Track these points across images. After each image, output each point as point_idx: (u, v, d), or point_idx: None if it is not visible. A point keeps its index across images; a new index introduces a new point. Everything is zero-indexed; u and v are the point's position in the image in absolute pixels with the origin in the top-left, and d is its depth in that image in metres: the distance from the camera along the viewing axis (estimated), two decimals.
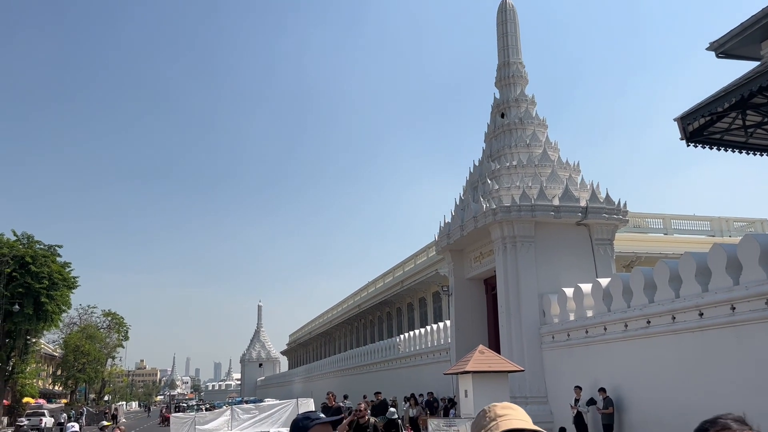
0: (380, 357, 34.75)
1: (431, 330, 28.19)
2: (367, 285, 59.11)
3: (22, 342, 47.26)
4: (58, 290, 47.05)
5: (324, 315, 76.16)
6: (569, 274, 19.53)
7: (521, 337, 19.26)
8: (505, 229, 20.01)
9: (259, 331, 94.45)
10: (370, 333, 57.06)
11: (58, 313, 49.12)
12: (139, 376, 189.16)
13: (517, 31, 24.40)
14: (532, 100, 23.76)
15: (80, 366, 65.68)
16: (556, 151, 22.88)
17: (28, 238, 47.41)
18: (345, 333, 66.28)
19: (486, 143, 24.24)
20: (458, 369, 15.66)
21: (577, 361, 17.69)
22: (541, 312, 19.46)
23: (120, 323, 76.50)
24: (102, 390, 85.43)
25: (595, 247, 20.53)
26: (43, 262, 46.04)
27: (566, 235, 20.40)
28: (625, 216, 21.17)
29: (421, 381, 27.06)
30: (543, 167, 21.75)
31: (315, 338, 78.72)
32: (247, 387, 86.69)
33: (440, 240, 24.40)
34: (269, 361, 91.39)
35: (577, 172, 22.33)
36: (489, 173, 22.32)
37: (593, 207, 20.35)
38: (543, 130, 23.31)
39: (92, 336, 68.04)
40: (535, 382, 18.82)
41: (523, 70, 24.07)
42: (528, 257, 19.80)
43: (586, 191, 21.11)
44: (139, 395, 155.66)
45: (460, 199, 23.93)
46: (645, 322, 14.98)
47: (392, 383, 30.40)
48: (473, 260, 23.31)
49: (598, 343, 16.76)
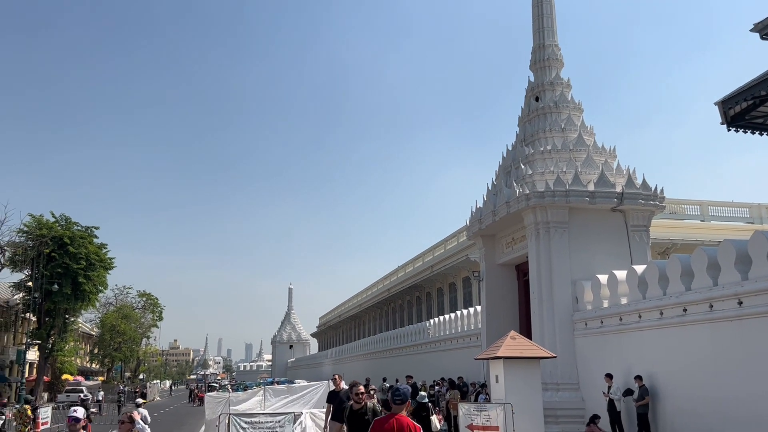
0: (409, 341, 34.85)
1: (461, 315, 28.14)
2: (397, 269, 59.21)
3: (61, 321, 48.51)
4: (95, 271, 48.13)
5: (354, 298, 76.60)
6: (603, 261, 19.27)
7: (553, 324, 19.11)
8: (538, 214, 19.79)
9: (289, 314, 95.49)
10: (400, 317, 57.24)
11: (95, 293, 50.28)
12: (172, 356, 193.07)
13: (552, 12, 23.95)
14: (568, 84, 23.36)
15: (116, 345, 67.20)
16: (591, 135, 22.50)
17: (66, 219, 48.49)
18: (374, 317, 66.60)
19: (520, 127, 23.94)
20: (489, 354, 15.59)
21: (610, 348, 17.49)
22: (574, 299, 19.26)
23: (155, 304, 78.01)
24: (137, 369, 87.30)
25: (630, 233, 20.19)
26: (81, 243, 47.09)
27: (601, 222, 20.09)
28: (661, 202, 20.76)
29: (451, 366, 27.07)
30: (578, 152, 21.41)
31: (344, 321, 79.30)
32: (277, 368, 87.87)
33: (472, 225, 24.25)
34: (299, 342, 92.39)
35: (613, 157, 21.94)
36: (522, 158, 22.07)
37: (629, 193, 19.99)
38: (578, 114, 22.92)
39: (128, 316, 69.50)
40: (567, 368, 18.67)
41: (558, 52, 23.65)
42: (561, 243, 19.57)
43: (621, 177, 20.75)
44: (172, 374, 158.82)
45: (492, 184, 23.72)
46: (681, 310, 14.72)
47: (421, 367, 30.48)
48: (505, 246, 23.14)
49: (633, 331, 16.54)
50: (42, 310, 46.23)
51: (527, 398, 14.48)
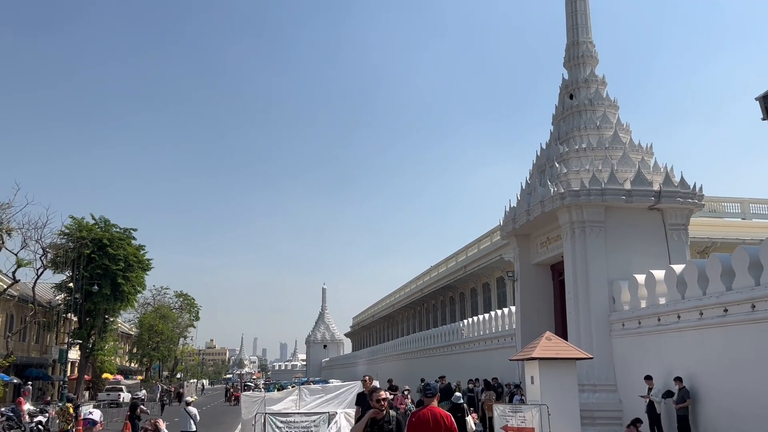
0: (443, 342, 34.75)
1: (495, 315, 27.97)
2: (430, 269, 59.09)
3: (101, 321, 49.63)
4: (133, 272, 49.13)
5: (387, 298, 76.67)
6: (641, 261, 18.94)
7: (590, 324, 18.86)
8: (573, 213, 19.56)
9: (323, 313, 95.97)
10: (433, 317, 57.13)
11: (134, 293, 51.33)
12: (209, 355, 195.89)
13: (587, 9, 23.64)
14: (603, 81, 23.04)
15: (154, 344, 68.45)
16: (627, 133, 22.15)
17: (105, 221, 49.58)
18: (408, 317, 66.58)
19: (554, 125, 23.69)
20: (525, 355, 15.48)
21: (648, 349, 17.20)
22: (610, 299, 18.98)
23: (191, 304, 79.31)
24: (174, 368, 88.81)
25: (668, 232, 19.82)
26: (120, 244, 48.11)
27: (638, 220, 19.77)
28: (700, 200, 20.34)
29: (485, 366, 26.93)
30: (614, 150, 21.10)
31: (378, 321, 79.44)
32: (312, 368, 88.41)
33: (505, 225, 24.08)
34: (333, 342, 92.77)
35: (650, 154, 21.57)
36: (557, 156, 21.83)
37: (667, 191, 19.63)
38: (614, 111, 22.59)
39: (165, 316, 70.76)
40: (603, 370, 18.42)
41: (593, 49, 23.34)
42: (597, 243, 19.31)
43: (659, 174, 20.38)
44: (209, 374, 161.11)
45: (526, 183, 23.52)
46: (722, 311, 14.40)
47: (455, 368, 30.36)
48: (540, 245, 22.92)
49: (671, 332, 16.23)
50: (82, 310, 47.36)
51: (563, 399, 14.34)
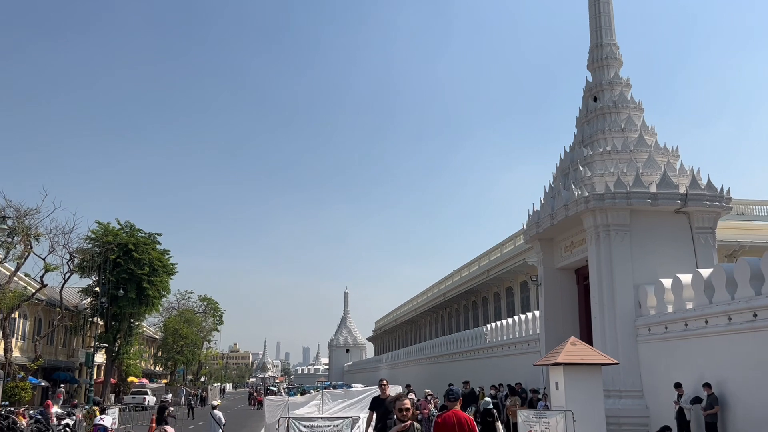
0: (466, 346, 34.56)
1: (519, 320, 27.75)
2: (453, 273, 58.89)
3: (127, 325, 50.19)
4: (158, 276, 49.65)
5: (409, 303, 76.55)
6: (667, 265, 18.66)
7: (615, 329, 18.61)
8: (598, 217, 19.35)
9: (345, 317, 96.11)
10: (456, 322, 56.90)
11: (159, 297, 51.85)
12: (232, 359, 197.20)
13: (610, 10, 23.42)
14: (627, 83, 22.78)
15: (179, 348, 69.10)
16: (653, 135, 21.87)
17: (130, 226, 50.20)
18: (430, 321, 66.39)
19: (577, 128, 23.48)
20: (549, 360, 15.32)
21: (675, 355, 16.93)
22: (636, 304, 18.72)
23: (215, 308, 79.97)
24: (199, 371, 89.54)
25: (695, 236, 19.50)
26: (145, 249, 48.66)
27: (664, 224, 19.48)
28: (728, 203, 19.98)
29: (508, 371, 26.71)
30: (639, 153, 20.84)
31: (400, 325, 79.34)
32: (334, 372, 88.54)
33: (529, 229, 23.90)
34: (356, 347, 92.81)
35: (676, 157, 21.27)
36: (581, 159, 21.63)
37: (693, 194, 19.33)
38: (639, 113, 22.32)
39: (189, 320, 71.43)
40: (629, 375, 18.16)
41: (617, 51, 23.10)
42: (623, 247, 19.07)
43: (685, 177, 20.09)
44: (232, 377, 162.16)
45: (549, 187, 23.32)
46: (751, 316, 14.11)
47: (478, 373, 30.17)
48: (564, 249, 22.70)
49: (699, 337, 15.95)
50: (108, 314, 47.96)
51: (588, 406, 14.16)
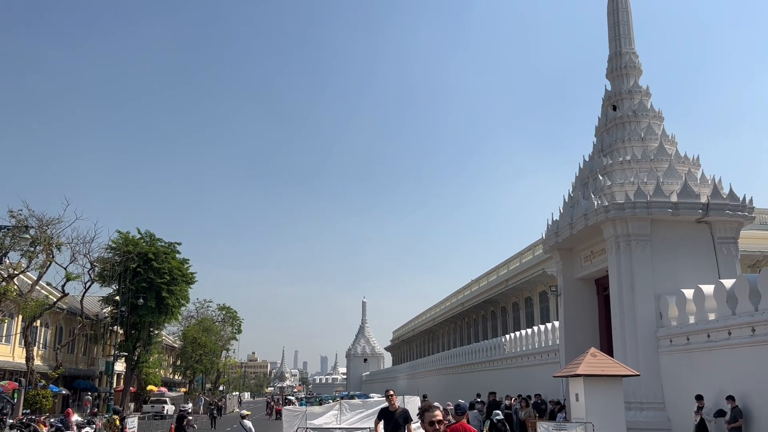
0: (484, 357, 34.33)
1: (538, 331, 27.52)
2: (471, 283, 58.58)
3: (146, 333, 50.47)
4: (177, 285, 49.92)
5: (427, 312, 76.26)
6: (688, 275, 18.46)
7: (636, 340, 18.40)
8: (618, 227, 19.18)
9: (363, 327, 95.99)
10: (474, 332, 56.56)
11: (178, 306, 52.10)
12: (251, 368, 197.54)
13: (629, 19, 23.32)
14: (647, 92, 22.63)
15: (197, 357, 69.32)
16: (673, 144, 21.68)
17: (150, 236, 50.56)
18: (448, 331, 66.07)
19: (597, 137, 23.33)
20: (569, 372, 15.19)
21: (697, 366, 16.69)
22: (657, 314, 18.50)
23: (234, 317, 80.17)
24: (217, 380, 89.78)
25: (717, 245, 19.26)
26: (164, 258, 48.96)
27: (685, 234, 19.27)
28: (751, 212, 19.74)
29: (528, 382, 26.48)
30: (659, 162, 20.66)
31: (418, 335, 79.02)
32: (352, 381, 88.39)
33: (548, 238, 23.75)
34: (373, 356, 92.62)
35: (697, 166, 21.05)
36: (600, 169, 21.48)
37: (715, 203, 19.11)
38: (659, 122, 22.14)
39: (208, 329, 71.65)
40: (651, 387, 17.93)
41: (636, 60, 22.98)
42: (643, 257, 18.88)
43: (706, 186, 19.87)
44: (251, 386, 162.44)
45: (569, 196, 23.18)
46: None
47: (497, 384, 29.90)
48: (583, 259, 22.52)
49: (722, 348, 15.72)
50: (128, 323, 48.30)
51: (609, 417, 14.02)
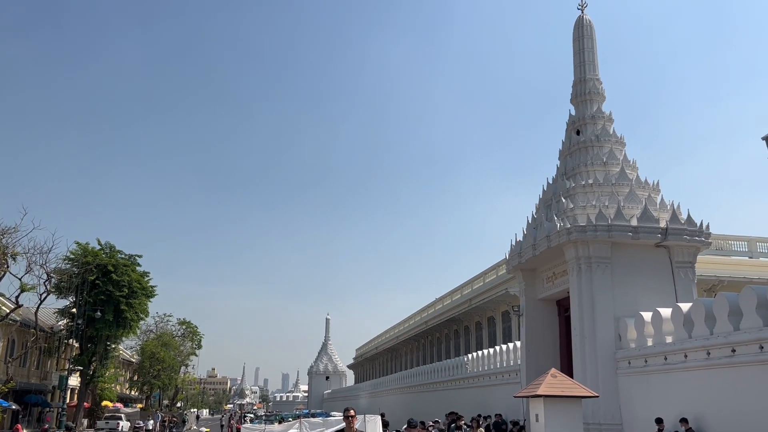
0: (447, 376, 34.36)
1: (500, 350, 27.67)
2: (435, 302, 58.77)
3: (103, 347, 49.29)
4: (137, 298, 48.96)
5: (391, 330, 76.13)
6: (647, 298, 18.81)
7: (595, 362, 18.64)
8: (579, 249, 19.49)
9: (326, 344, 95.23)
10: (437, 350, 56.61)
11: (137, 320, 51.06)
12: (210, 384, 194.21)
13: (594, 46, 23.90)
14: (609, 117, 23.16)
15: (155, 372, 67.95)
16: (634, 169, 22.18)
17: (110, 247, 49.58)
18: (411, 349, 66.00)
19: (560, 161, 23.75)
20: (529, 392, 15.28)
21: (654, 388, 16.96)
22: (616, 336, 18.79)
23: (194, 332, 78.97)
24: (175, 396, 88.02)
25: (675, 270, 19.69)
26: (124, 271, 48.01)
27: (644, 257, 19.67)
28: (707, 238, 20.25)
29: (489, 402, 26.57)
30: (620, 186, 21.11)
31: (381, 353, 78.74)
32: (313, 399, 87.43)
33: (511, 259, 23.99)
34: (336, 374, 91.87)
35: (657, 191, 21.56)
36: (563, 191, 21.84)
37: (673, 228, 19.57)
38: (620, 147, 22.65)
39: (167, 344, 70.37)
40: (609, 408, 18.15)
41: (600, 86, 23.53)
42: (604, 279, 19.20)
43: (666, 212, 20.35)
44: (209, 403, 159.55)
45: (532, 218, 23.50)
46: (730, 351, 14.21)
47: (459, 403, 29.95)
48: (545, 280, 22.80)
49: (678, 371, 16.02)
50: (84, 336, 47.10)
51: None
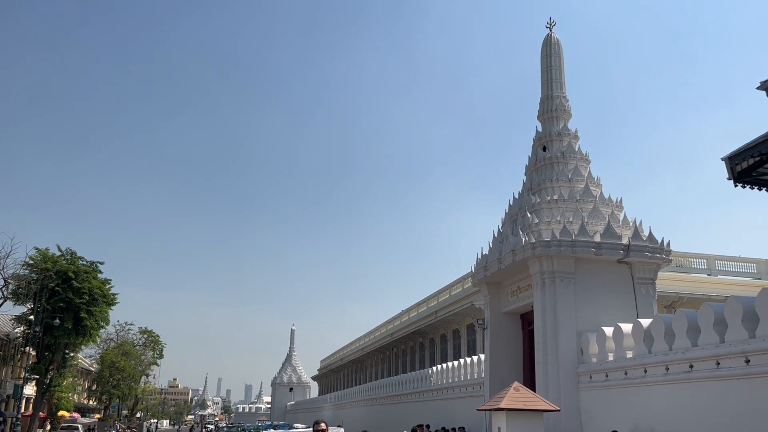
0: (411, 388, 34.36)
1: (464, 363, 27.79)
2: (401, 314, 58.77)
3: (61, 356, 48.07)
4: (97, 306, 47.85)
5: (356, 342, 75.90)
6: (609, 313, 19.10)
7: (558, 376, 18.83)
8: (544, 263, 19.72)
9: (291, 355, 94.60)
10: (402, 363, 56.58)
11: (97, 328, 49.85)
12: (171, 395, 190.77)
13: (561, 64, 24.32)
14: (575, 135, 23.57)
15: (115, 382, 66.53)
16: (598, 186, 22.58)
17: (71, 254, 48.46)
18: (376, 361, 65.85)
19: (527, 176, 24.05)
20: (492, 405, 15.37)
21: (615, 402, 17.19)
22: (579, 350, 19.02)
23: (155, 341, 77.55)
24: (135, 407, 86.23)
25: (636, 286, 20.05)
26: (85, 278, 46.93)
27: (607, 273, 19.98)
28: (668, 255, 20.67)
29: (453, 415, 26.63)
30: (585, 202, 21.46)
31: (346, 365, 78.41)
32: (276, 411, 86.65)
33: (477, 272, 24.15)
34: (300, 385, 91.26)
35: (620, 208, 21.96)
36: (529, 206, 22.11)
37: (635, 245, 19.94)
38: (585, 165, 23.05)
39: (128, 353, 69.02)
40: (570, 422, 18.32)
41: (566, 104, 23.93)
42: (567, 294, 19.44)
43: (628, 228, 20.73)
44: (170, 413, 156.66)
45: (498, 232, 23.71)
46: (687, 366, 14.49)
47: (424, 416, 29.97)
48: (510, 294, 23.00)
49: (638, 386, 16.27)
50: (42, 344, 45.90)
51: None
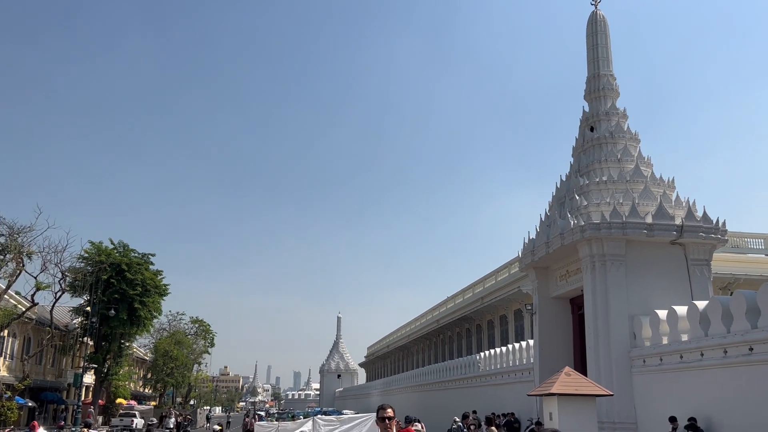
0: (459, 374, 34.25)
1: (513, 349, 27.54)
2: (447, 300, 58.63)
3: (117, 345, 49.65)
4: (150, 297, 49.23)
5: (402, 329, 76.09)
6: (662, 296, 18.62)
7: (610, 360, 18.49)
8: (593, 246, 19.33)
9: (338, 342, 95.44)
10: (449, 349, 56.49)
11: (150, 318, 51.35)
12: (222, 382, 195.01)
13: (607, 42, 23.69)
14: (624, 114, 22.96)
15: (168, 370, 68.27)
16: (649, 166, 21.97)
17: (124, 246, 49.88)
18: (423, 348, 65.91)
19: (574, 158, 23.57)
20: (543, 390, 15.17)
21: (670, 387, 16.79)
22: (631, 334, 18.62)
23: (207, 330, 79.20)
24: (188, 394, 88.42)
25: (690, 267, 19.49)
26: (138, 269, 48.30)
27: (659, 255, 19.47)
28: (723, 235, 20.02)
29: (502, 401, 26.44)
30: (635, 183, 20.91)
31: (393, 352, 78.72)
32: (325, 397, 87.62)
33: (524, 257, 23.85)
34: (347, 372, 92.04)
35: (672, 188, 21.35)
36: (577, 189, 21.68)
37: (689, 225, 19.36)
38: (635, 144, 22.45)
39: (180, 342, 70.67)
40: (624, 407, 17.99)
41: (614, 82, 23.32)
42: (618, 277, 19.03)
43: (681, 209, 20.14)
44: (222, 401, 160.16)
45: (545, 215, 23.33)
46: (747, 349, 14.03)
47: (471, 402, 29.85)
48: (559, 278, 22.64)
49: (694, 369, 15.85)
50: (99, 334, 47.48)
51: None
